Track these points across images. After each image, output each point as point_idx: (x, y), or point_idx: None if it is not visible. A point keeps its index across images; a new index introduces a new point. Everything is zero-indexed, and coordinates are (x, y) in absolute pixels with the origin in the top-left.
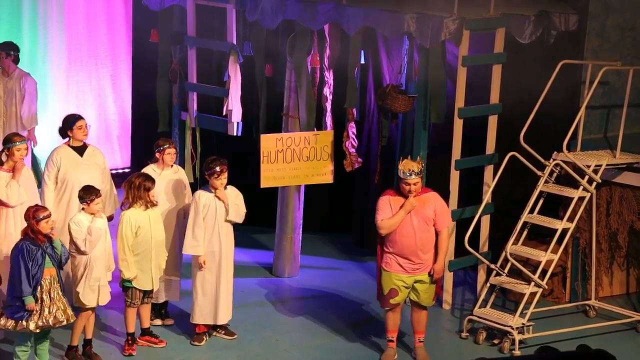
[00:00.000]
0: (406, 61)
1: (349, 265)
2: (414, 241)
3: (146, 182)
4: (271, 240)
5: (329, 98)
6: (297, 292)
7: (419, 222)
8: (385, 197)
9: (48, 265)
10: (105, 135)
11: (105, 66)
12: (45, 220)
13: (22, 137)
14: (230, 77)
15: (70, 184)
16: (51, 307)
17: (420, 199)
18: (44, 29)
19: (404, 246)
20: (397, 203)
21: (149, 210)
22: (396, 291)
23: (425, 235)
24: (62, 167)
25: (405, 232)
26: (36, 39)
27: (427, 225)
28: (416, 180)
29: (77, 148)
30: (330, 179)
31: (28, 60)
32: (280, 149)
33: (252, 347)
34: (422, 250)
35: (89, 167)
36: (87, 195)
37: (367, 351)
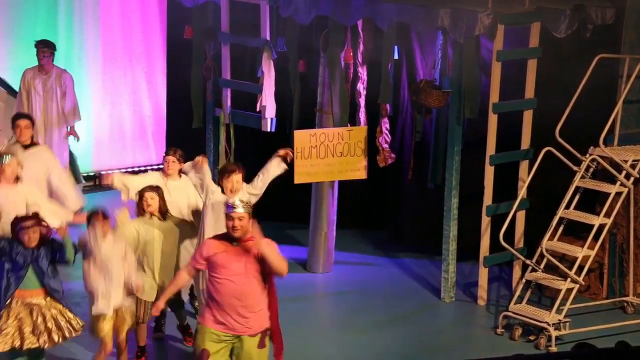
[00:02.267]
0: (440, 56)
1: (383, 261)
2: (232, 291)
3: (143, 191)
4: (305, 236)
5: (362, 94)
6: (331, 287)
7: (242, 269)
8: (207, 240)
9: (33, 285)
10: (140, 131)
11: (140, 63)
12: (23, 231)
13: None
14: (263, 73)
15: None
16: (42, 328)
17: (248, 244)
18: (80, 26)
19: (224, 296)
20: (217, 249)
21: (156, 221)
22: (208, 353)
23: (246, 287)
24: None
25: (224, 281)
26: (72, 37)
27: (250, 275)
28: (242, 214)
29: (25, 145)
30: (363, 175)
31: (64, 58)
32: (313, 144)
33: (286, 343)
34: (242, 303)
35: (28, 165)
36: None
37: (402, 347)
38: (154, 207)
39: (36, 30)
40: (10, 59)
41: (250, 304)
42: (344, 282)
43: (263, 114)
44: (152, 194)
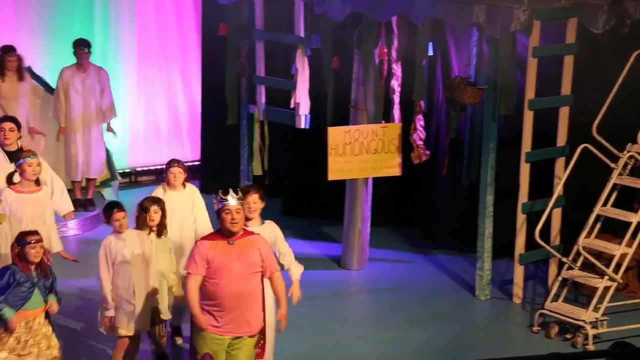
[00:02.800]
0: (475, 52)
1: (417, 258)
2: (235, 292)
3: (144, 202)
4: (339, 233)
5: (396, 90)
6: (365, 284)
7: (243, 268)
8: (199, 243)
9: (37, 303)
10: (175, 128)
11: (175, 60)
12: (31, 245)
13: (32, 152)
14: (298, 70)
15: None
16: (32, 351)
17: (244, 241)
18: (115, 24)
19: (225, 299)
20: (213, 250)
21: (153, 237)
22: (210, 357)
23: (249, 286)
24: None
25: (224, 282)
26: (108, 35)
27: (252, 273)
28: (238, 206)
29: (9, 152)
30: (398, 172)
31: (100, 56)
32: (347, 141)
33: (319, 339)
34: (246, 304)
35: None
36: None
37: (438, 344)
38: (156, 222)
39: (72, 28)
40: (47, 56)
41: (251, 304)
42: (378, 279)
43: (297, 111)
44: (156, 208)
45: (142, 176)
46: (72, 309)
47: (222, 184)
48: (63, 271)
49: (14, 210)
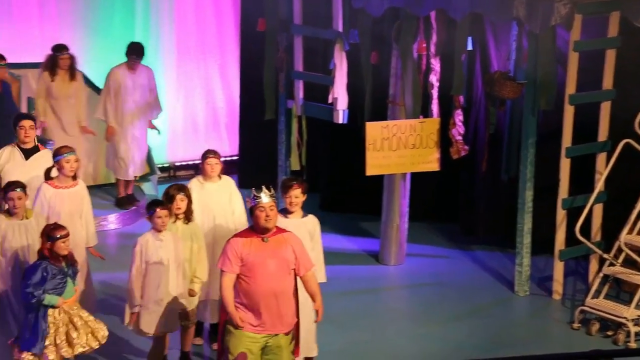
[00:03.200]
0: (515, 47)
1: (455, 254)
2: (271, 290)
3: (169, 190)
4: (377, 228)
5: (435, 85)
6: (404, 280)
7: (278, 266)
8: (232, 240)
9: (70, 293)
10: (213, 123)
11: (214, 55)
12: (62, 240)
13: (70, 148)
14: (336, 65)
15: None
16: (80, 335)
17: (278, 238)
18: (156, 19)
19: (260, 297)
20: (247, 247)
21: (180, 225)
22: (245, 356)
23: (284, 283)
24: (3, 167)
25: (260, 280)
26: (147, 31)
27: (287, 270)
28: (271, 203)
29: (25, 150)
30: (436, 167)
31: None
32: (385, 136)
33: (358, 335)
34: (282, 301)
35: (33, 170)
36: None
37: (477, 340)
38: (182, 209)
39: (113, 23)
40: (88, 52)
41: (286, 301)
42: (416, 274)
43: (335, 106)
44: (182, 195)
45: (181, 171)
46: (110, 303)
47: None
48: (102, 265)
49: (53, 206)
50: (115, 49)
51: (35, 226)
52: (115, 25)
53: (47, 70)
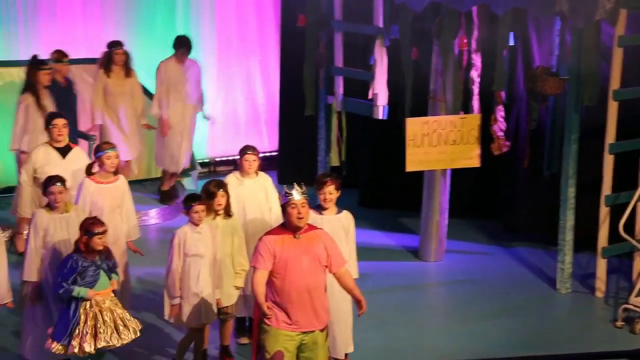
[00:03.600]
0: (558, 42)
1: (496, 251)
2: (305, 286)
3: (209, 187)
4: (417, 224)
5: (476, 81)
6: (443, 276)
7: (310, 262)
8: (264, 237)
9: (103, 285)
10: (253, 119)
11: (254, 51)
12: (99, 236)
13: (111, 144)
14: (376, 61)
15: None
16: (106, 330)
17: (310, 235)
18: (197, 16)
19: (294, 293)
20: (279, 245)
21: (220, 220)
22: (282, 355)
23: (318, 280)
24: (40, 167)
25: (293, 277)
26: (189, 27)
27: (320, 267)
28: (303, 200)
29: (59, 149)
30: (477, 163)
31: None
32: (426, 132)
33: (397, 331)
34: (316, 297)
35: (71, 168)
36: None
37: (518, 337)
38: (223, 205)
39: (155, 20)
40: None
41: (320, 297)
42: (456, 271)
43: (375, 102)
44: (222, 192)
45: (221, 166)
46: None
47: (299, 175)
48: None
49: (95, 201)
50: (157, 46)
51: (76, 219)
52: (157, 23)
53: (103, 67)
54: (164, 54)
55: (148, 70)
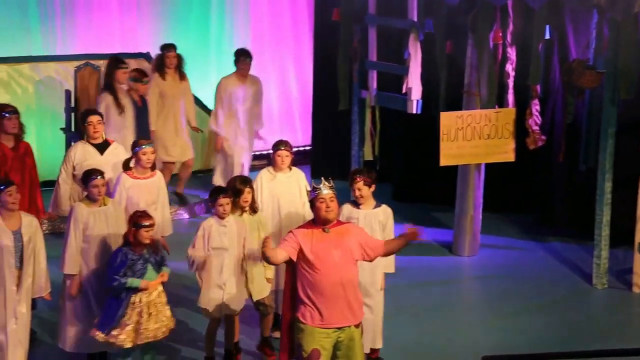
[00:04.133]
0: (594, 35)
1: (530, 245)
2: (339, 280)
3: (235, 184)
4: (451, 219)
5: (511, 75)
6: (478, 271)
7: (342, 255)
8: (294, 230)
9: (150, 276)
10: (287, 113)
11: (288, 45)
12: (145, 229)
13: (148, 140)
14: (410, 55)
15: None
16: (149, 322)
17: (339, 229)
18: (230, 12)
19: (328, 288)
20: (308, 238)
21: (246, 217)
22: (319, 353)
23: (351, 273)
24: (78, 164)
25: (326, 270)
26: (223, 22)
27: (352, 260)
28: (331, 194)
29: (96, 145)
30: (511, 157)
31: (215, 44)
32: (460, 126)
33: (432, 326)
34: (350, 292)
35: (110, 164)
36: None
37: (553, 333)
38: (249, 202)
39: (190, 17)
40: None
41: (353, 291)
42: (490, 265)
43: (409, 96)
44: (249, 188)
45: (255, 160)
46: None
47: (332, 169)
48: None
49: (132, 196)
50: (191, 42)
51: (113, 213)
52: (192, 21)
53: (157, 71)
54: (198, 50)
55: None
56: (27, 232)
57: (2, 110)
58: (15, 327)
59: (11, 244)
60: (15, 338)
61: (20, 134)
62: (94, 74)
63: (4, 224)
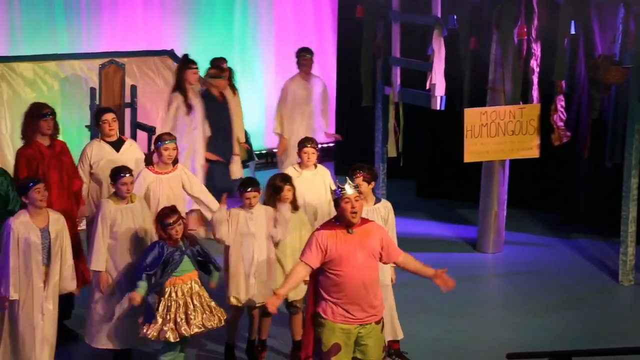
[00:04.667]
0: (621, 30)
1: (555, 242)
2: (361, 281)
3: (275, 181)
4: (475, 215)
5: (535, 70)
6: (502, 268)
7: (365, 257)
8: (317, 233)
9: (187, 267)
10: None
11: (311, 42)
12: (170, 227)
13: (171, 135)
14: (434, 51)
15: (106, 181)
16: (196, 314)
17: (363, 229)
18: (254, 9)
19: (350, 289)
20: (332, 240)
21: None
22: (339, 347)
23: (373, 273)
24: (95, 162)
25: (349, 272)
26: (246, 19)
27: (374, 260)
28: (356, 194)
29: (111, 143)
30: (536, 154)
31: (239, 41)
32: (484, 123)
33: (456, 323)
34: (371, 291)
35: (128, 161)
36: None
37: (578, 330)
38: (290, 199)
39: (214, 15)
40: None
41: (375, 290)
42: (514, 262)
43: (433, 92)
44: (289, 186)
45: None
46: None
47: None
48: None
49: (154, 191)
50: (214, 37)
51: (140, 208)
52: (216, 19)
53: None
54: (221, 47)
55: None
56: (54, 229)
57: (40, 111)
58: (42, 324)
59: (38, 240)
60: (41, 334)
61: (55, 133)
62: (118, 71)
63: (32, 221)
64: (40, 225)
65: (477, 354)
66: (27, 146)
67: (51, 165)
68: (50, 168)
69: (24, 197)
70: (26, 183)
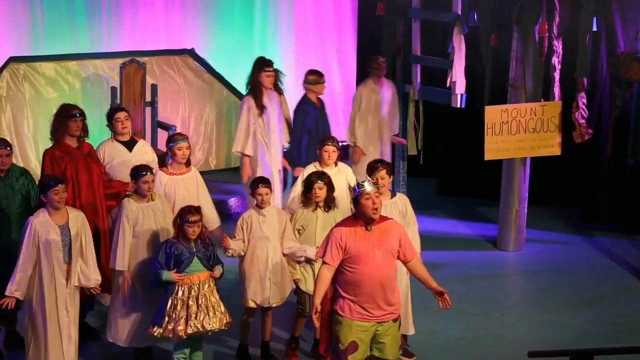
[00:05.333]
0: None
1: (577, 240)
2: (378, 279)
3: (309, 177)
4: (496, 213)
5: (557, 68)
6: (523, 266)
7: (384, 255)
8: (336, 230)
9: (197, 268)
10: (331, 109)
11: (331, 40)
12: (189, 224)
13: (183, 135)
14: (454, 49)
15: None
16: (199, 314)
17: (382, 227)
18: (274, 7)
19: (367, 287)
20: (352, 237)
21: (320, 212)
22: (356, 345)
23: (391, 272)
24: (108, 162)
25: (367, 270)
26: (266, 17)
27: (392, 259)
28: (376, 190)
29: (124, 143)
30: (557, 151)
31: (259, 39)
32: (505, 120)
33: (477, 321)
34: (389, 289)
35: (140, 161)
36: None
37: (600, 328)
38: (321, 197)
39: (234, 12)
40: (209, 40)
41: (393, 288)
42: (535, 260)
43: (453, 90)
44: (320, 184)
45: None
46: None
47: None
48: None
49: (168, 192)
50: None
51: (161, 207)
52: (236, 16)
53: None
54: (242, 46)
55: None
56: (74, 226)
57: (69, 112)
58: (68, 320)
59: (58, 238)
60: (67, 332)
61: (84, 135)
62: (139, 71)
63: (51, 219)
64: (60, 223)
65: (498, 352)
66: (55, 147)
67: (80, 166)
68: (80, 169)
69: (43, 196)
70: (47, 182)
